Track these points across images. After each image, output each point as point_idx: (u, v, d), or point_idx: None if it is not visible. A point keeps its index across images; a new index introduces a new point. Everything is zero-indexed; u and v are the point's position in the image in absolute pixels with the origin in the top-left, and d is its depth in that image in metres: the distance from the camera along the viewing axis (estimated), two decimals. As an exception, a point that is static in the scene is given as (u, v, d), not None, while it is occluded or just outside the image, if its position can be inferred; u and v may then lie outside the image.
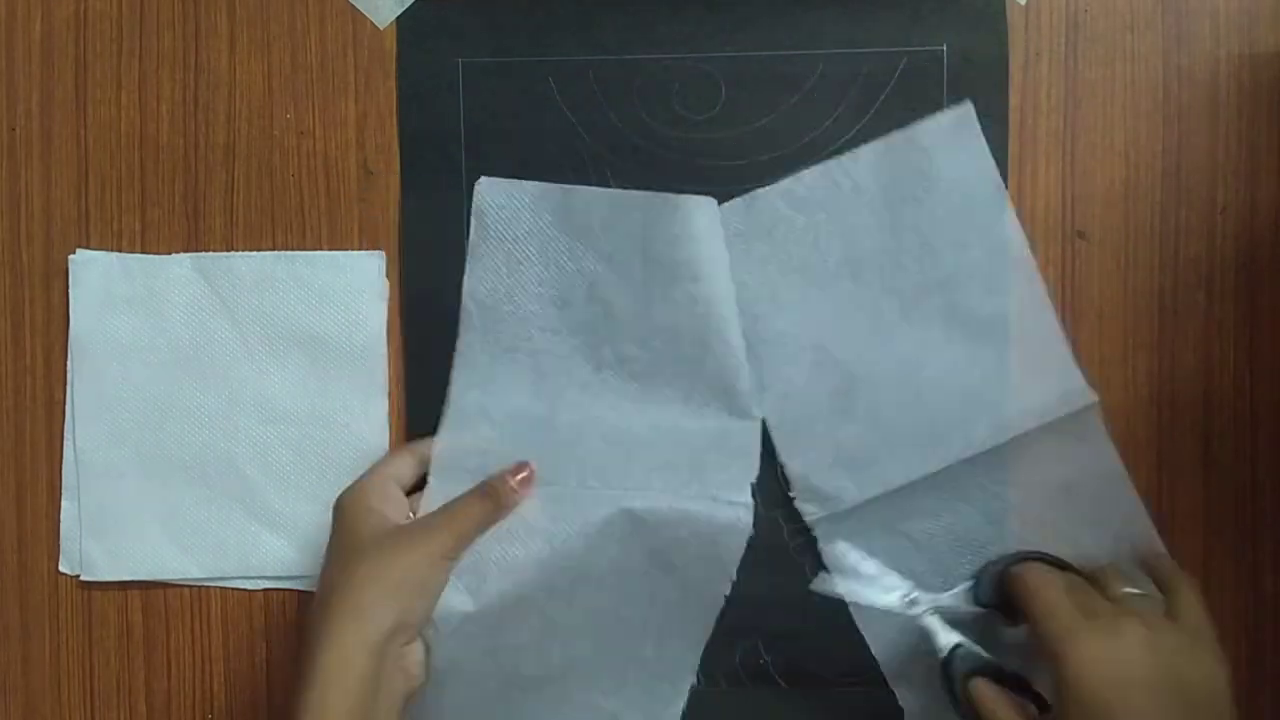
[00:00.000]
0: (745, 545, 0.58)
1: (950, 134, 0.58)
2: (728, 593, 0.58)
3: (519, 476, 0.56)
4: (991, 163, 0.58)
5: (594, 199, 0.59)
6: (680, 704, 0.60)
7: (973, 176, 0.58)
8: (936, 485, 0.58)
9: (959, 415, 0.58)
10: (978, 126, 0.58)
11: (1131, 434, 0.59)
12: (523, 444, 0.58)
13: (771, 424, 0.58)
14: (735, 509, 0.57)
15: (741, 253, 0.59)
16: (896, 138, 0.58)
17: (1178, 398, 0.59)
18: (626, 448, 0.58)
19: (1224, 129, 0.59)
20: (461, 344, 0.59)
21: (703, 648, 0.59)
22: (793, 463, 0.58)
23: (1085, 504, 0.58)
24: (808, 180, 0.59)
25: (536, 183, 0.59)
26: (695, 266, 0.58)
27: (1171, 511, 0.59)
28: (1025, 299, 0.58)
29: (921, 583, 0.58)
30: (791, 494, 0.58)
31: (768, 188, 0.59)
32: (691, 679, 0.60)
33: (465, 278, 0.59)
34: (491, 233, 0.59)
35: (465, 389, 0.59)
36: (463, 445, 0.58)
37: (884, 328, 0.58)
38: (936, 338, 0.58)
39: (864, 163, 0.58)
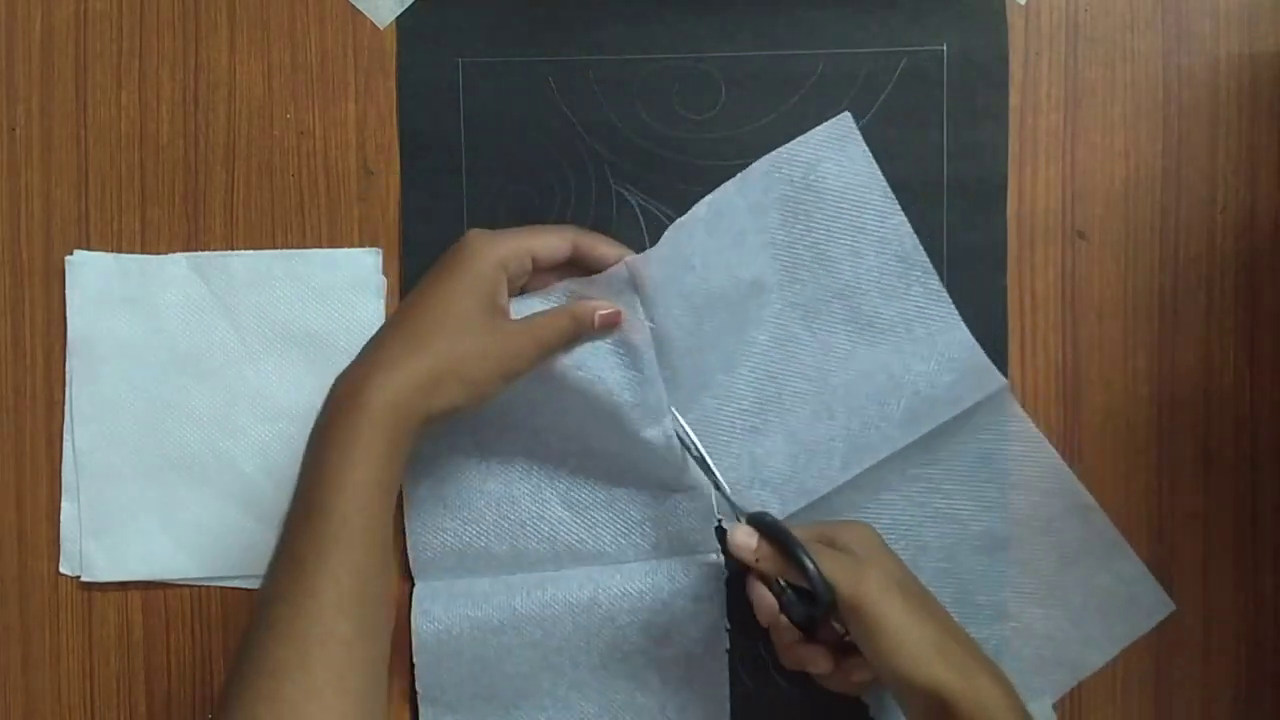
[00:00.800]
0: (725, 587, 0.59)
1: (830, 145, 0.58)
2: (729, 646, 0.59)
3: (604, 313, 0.54)
4: (875, 168, 0.58)
5: None
6: None
7: (857, 184, 0.58)
8: (857, 485, 0.58)
9: (871, 419, 0.58)
10: (858, 134, 0.58)
11: (1131, 434, 0.59)
12: (488, 526, 0.59)
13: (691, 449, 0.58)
14: (706, 556, 0.59)
15: (673, 287, 0.56)
16: (782, 154, 0.59)
17: (1178, 398, 0.59)
18: (589, 512, 0.59)
19: (1224, 129, 0.59)
20: None
21: (728, 699, 0.59)
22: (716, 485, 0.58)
23: (1005, 467, 0.59)
24: (713, 205, 0.56)
25: None
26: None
27: (1171, 511, 0.59)
28: (923, 298, 0.59)
29: None
30: (718, 516, 0.58)
31: (683, 216, 0.56)
32: None
33: None
34: None
35: (416, 481, 0.59)
36: (435, 545, 0.60)
37: (789, 342, 0.59)
38: (841, 346, 0.59)
39: (755, 181, 0.58)
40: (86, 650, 0.61)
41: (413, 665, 0.60)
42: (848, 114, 0.58)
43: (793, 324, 0.59)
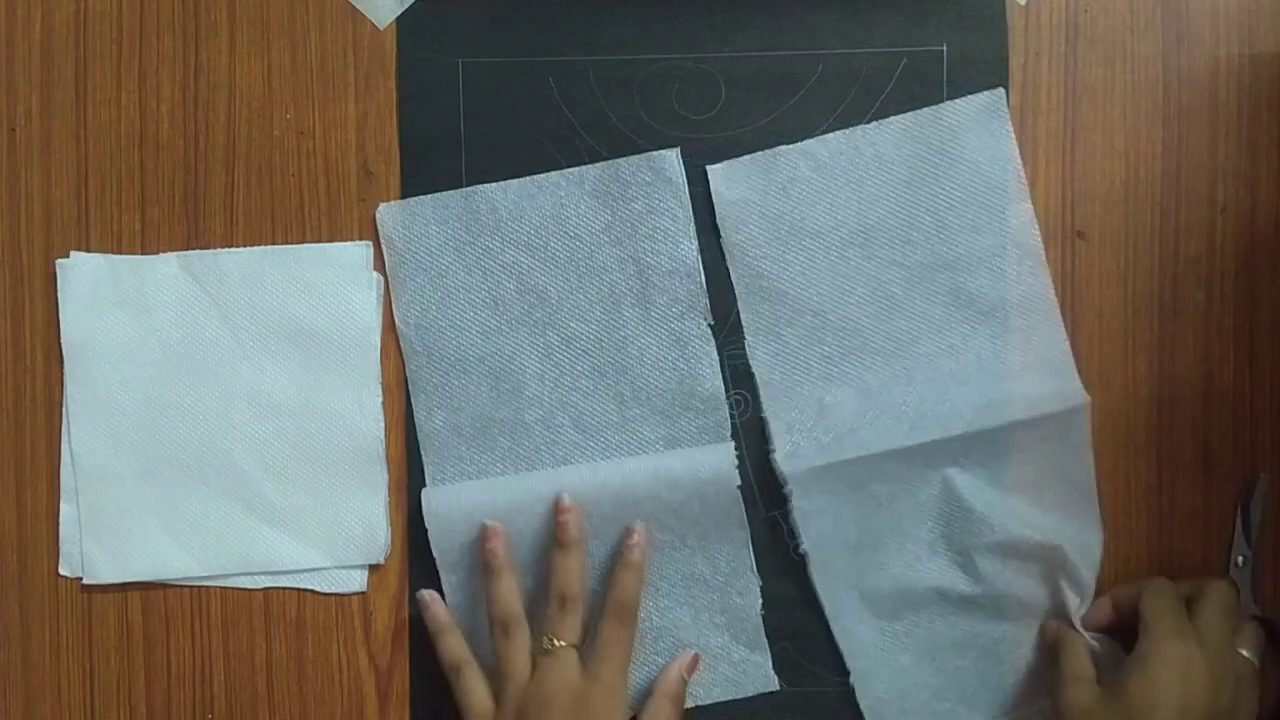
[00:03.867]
0: (738, 474, 0.58)
1: (978, 118, 0.59)
2: (740, 483, 0.59)
3: (686, 664, 0.58)
4: (1015, 152, 0.59)
5: (496, 194, 0.60)
6: (756, 610, 0.60)
7: (995, 162, 0.59)
8: (910, 455, 0.58)
9: (947, 395, 0.58)
10: (1006, 114, 0.59)
11: (1131, 434, 0.59)
12: (503, 454, 0.60)
13: (760, 380, 0.59)
14: (718, 447, 0.59)
15: (756, 207, 0.59)
16: (925, 114, 0.59)
17: (1178, 398, 0.59)
18: (602, 434, 0.60)
19: (1224, 129, 0.59)
20: (409, 370, 0.60)
21: (751, 549, 0.59)
22: (776, 420, 0.59)
23: (1050, 500, 0.59)
24: (832, 144, 0.59)
25: (433, 195, 0.60)
26: (617, 228, 0.59)
27: (1171, 511, 0.59)
28: (1031, 291, 0.59)
29: (876, 540, 0.59)
30: (771, 449, 0.59)
31: (791, 145, 0.59)
32: (756, 580, 0.60)
33: (394, 307, 0.60)
34: (405, 256, 0.60)
35: (428, 412, 0.60)
36: (452, 474, 0.60)
37: (886, 300, 0.59)
38: (937, 316, 0.59)
39: (889, 133, 0.59)
40: (86, 650, 0.61)
41: (411, 668, 0.60)
42: (1001, 90, 0.59)
43: (894, 284, 0.59)
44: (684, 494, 0.59)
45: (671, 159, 0.59)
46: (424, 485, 0.60)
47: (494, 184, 0.60)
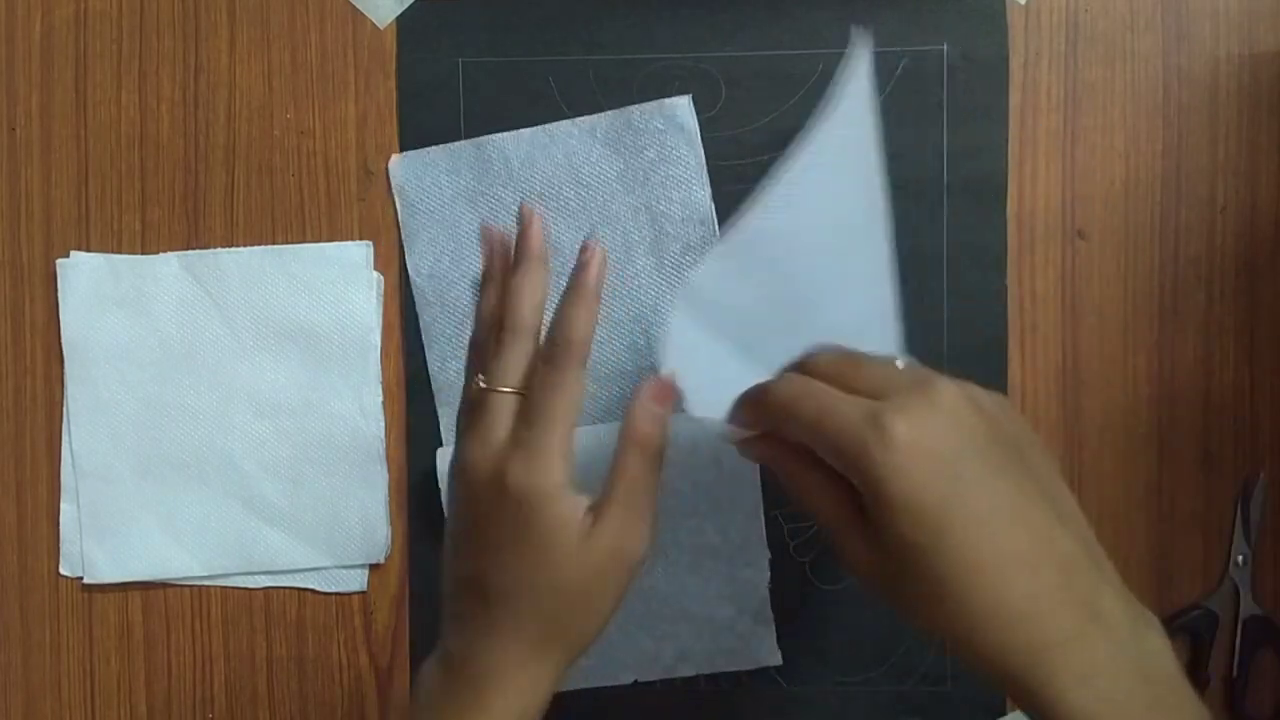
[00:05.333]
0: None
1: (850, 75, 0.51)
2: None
3: (652, 388, 0.45)
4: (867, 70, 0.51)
5: (507, 144, 0.59)
6: (764, 582, 0.59)
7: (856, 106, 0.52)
8: None
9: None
10: (863, 53, 0.51)
11: (1131, 434, 0.59)
12: None
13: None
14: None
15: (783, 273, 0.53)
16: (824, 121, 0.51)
17: (1178, 398, 0.59)
18: (615, 383, 0.60)
19: (1224, 129, 0.59)
20: (424, 321, 0.60)
21: (763, 518, 0.59)
22: None
23: None
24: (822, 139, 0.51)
25: (444, 145, 0.60)
26: (629, 177, 0.59)
27: (1171, 511, 0.59)
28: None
29: None
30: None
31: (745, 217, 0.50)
32: (766, 553, 0.59)
33: (407, 257, 0.60)
34: (418, 207, 0.60)
35: (442, 363, 0.60)
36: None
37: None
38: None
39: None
40: (86, 650, 0.61)
41: (411, 668, 0.60)
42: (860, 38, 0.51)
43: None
44: (702, 459, 0.58)
45: (684, 105, 0.59)
46: (424, 480, 0.60)
47: (505, 134, 0.59)
